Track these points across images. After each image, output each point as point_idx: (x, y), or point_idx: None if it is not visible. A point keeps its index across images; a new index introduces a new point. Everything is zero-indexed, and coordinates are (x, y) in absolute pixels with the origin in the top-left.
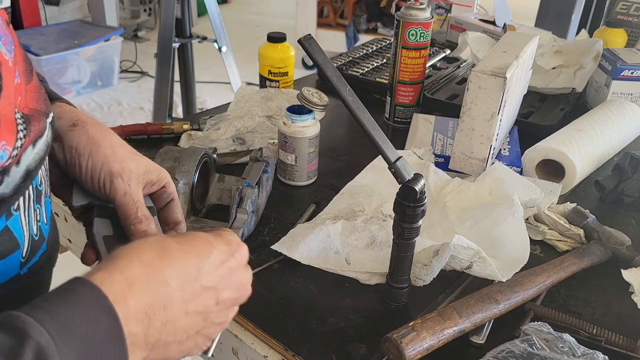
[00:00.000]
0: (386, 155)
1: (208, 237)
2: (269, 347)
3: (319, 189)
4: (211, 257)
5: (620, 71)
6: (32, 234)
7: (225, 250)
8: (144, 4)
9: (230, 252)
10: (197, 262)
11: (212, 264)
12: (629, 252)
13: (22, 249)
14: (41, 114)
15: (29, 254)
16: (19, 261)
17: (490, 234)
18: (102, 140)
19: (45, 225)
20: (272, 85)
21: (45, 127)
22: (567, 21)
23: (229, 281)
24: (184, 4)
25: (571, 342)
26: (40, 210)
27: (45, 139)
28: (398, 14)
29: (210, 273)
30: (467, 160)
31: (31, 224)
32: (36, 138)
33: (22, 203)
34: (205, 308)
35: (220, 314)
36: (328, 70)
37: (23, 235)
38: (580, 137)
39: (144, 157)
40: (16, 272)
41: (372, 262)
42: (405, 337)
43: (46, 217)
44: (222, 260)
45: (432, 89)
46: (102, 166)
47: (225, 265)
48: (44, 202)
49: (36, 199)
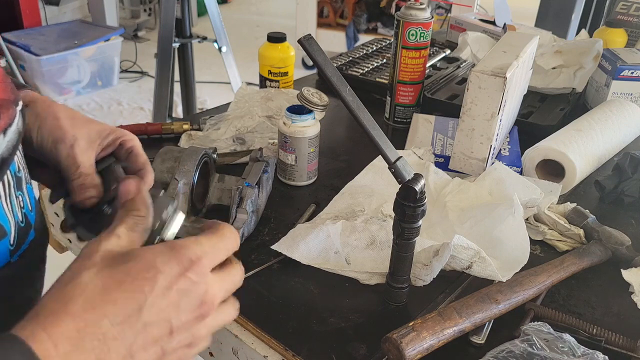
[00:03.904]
0: (386, 155)
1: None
2: (269, 347)
3: (319, 189)
4: (155, 287)
5: (620, 71)
6: (18, 220)
7: (175, 271)
8: (144, 4)
9: (181, 272)
10: (138, 299)
11: (157, 294)
12: (629, 252)
13: (10, 236)
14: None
15: (17, 241)
16: (8, 249)
17: (490, 234)
18: (47, 115)
19: (30, 212)
20: (272, 85)
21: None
22: (567, 21)
23: (181, 305)
24: (184, 4)
25: (571, 342)
26: (23, 197)
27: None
28: (398, 14)
29: (154, 306)
30: (467, 160)
31: (15, 211)
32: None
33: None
34: (157, 343)
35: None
36: (328, 70)
37: (8, 222)
38: (580, 137)
39: (100, 123)
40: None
41: (372, 262)
42: (405, 337)
43: (30, 204)
44: (168, 285)
45: (432, 89)
46: (48, 136)
47: (174, 289)
48: (25, 188)
49: (17, 186)
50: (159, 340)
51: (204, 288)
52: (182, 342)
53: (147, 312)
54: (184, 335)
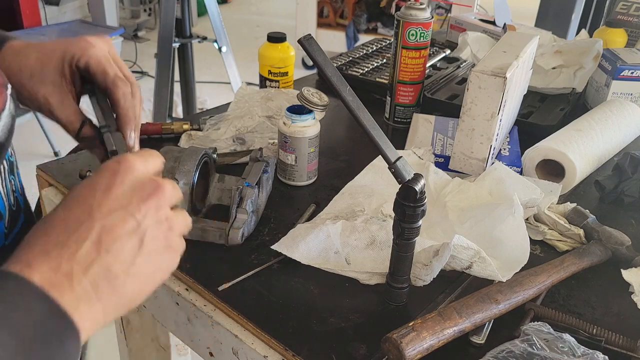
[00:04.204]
0: (386, 155)
1: (84, 181)
2: (269, 347)
3: (319, 189)
4: (96, 193)
5: (620, 71)
6: (11, 204)
7: (106, 177)
8: (144, 4)
9: (113, 175)
10: (85, 208)
11: (99, 197)
12: (629, 252)
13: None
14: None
15: (10, 224)
16: (2, 232)
17: (490, 234)
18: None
19: (20, 196)
20: (272, 85)
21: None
22: (567, 21)
23: (131, 193)
24: (184, 4)
25: (571, 342)
26: (14, 181)
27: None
28: (398, 14)
29: (102, 204)
30: (467, 160)
31: (9, 195)
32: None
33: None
34: (123, 229)
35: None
36: (328, 70)
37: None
38: (580, 137)
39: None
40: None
41: (372, 262)
42: (405, 337)
43: (20, 188)
44: (106, 186)
45: (432, 89)
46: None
47: (114, 187)
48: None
49: (9, 170)
50: (125, 225)
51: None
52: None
53: (97, 213)
54: (149, 220)
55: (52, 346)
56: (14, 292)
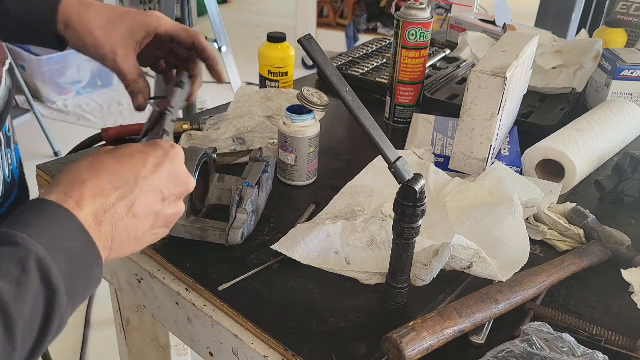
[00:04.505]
0: (386, 155)
1: (141, 147)
2: (269, 347)
3: (319, 189)
4: (147, 164)
5: (620, 71)
6: (5, 176)
7: (160, 154)
8: (144, 4)
9: (165, 156)
10: (133, 171)
11: (149, 169)
12: (629, 252)
13: None
14: None
15: (5, 195)
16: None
17: (490, 234)
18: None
19: (16, 169)
20: (272, 85)
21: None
22: (567, 21)
23: (170, 180)
24: (184, 4)
25: (571, 342)
26: (11, 155)
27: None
28: (398, 14)
29: (148, 178)
30: (467, 160)
31: (4, 167)
32: None
33: None
34: (153, 207)
35: (171, 207)
36: (328, 70)
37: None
38: (580, 137)
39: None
40: None
41: (372, 262)
42: (405, 337)
43: (17, 162)
44: (157, 164)
45: (432, 89)
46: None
47: (162, 168)
48: (13, 148)
49: (6, 144)
50: (154, 207)
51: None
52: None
53: (142, 182)
54: (172, 205)
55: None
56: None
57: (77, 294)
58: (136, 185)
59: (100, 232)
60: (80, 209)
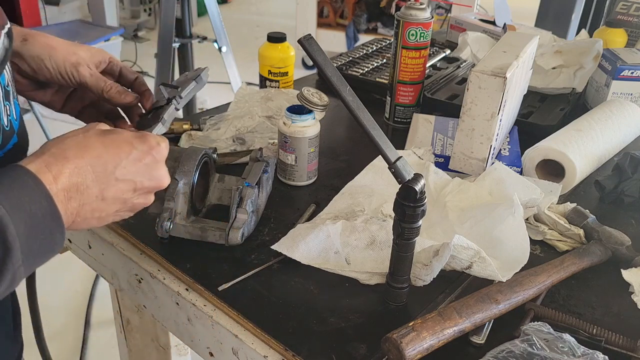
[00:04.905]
0: (386, 155)
1: (130, 137)
2: (269, 347)
3: (319, 189)
4: (130, 156)
5: (620, 71)
6: (3, 124)
7: (145, 149)
8: (144, 4)
9: (148, 152)
10: (115, 160)
11: (130, 161)
12: (629, 252)
13: None
14: None
15: (3, 142)
16: None
17: (490, 234)
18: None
19: (15, 121)
20: (272, 85)
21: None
22: (567, 21)
23: (145, 174)
24: (184, 4)
25: (571, 342)
26: (10, 107)
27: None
28: (398, 14)
29: (126, 168)
30: (467, 160)
31: (2, 117)
32: None
33: None
34: (122, 195)
35: (140, 197)
36: (328, 70)
37: None
38: (580, 137)
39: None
40: None
41: (372, 262)
42: (405, 337)
43: (16, 114)
44: (139, 158)
45: (432, 89)
46: (64, 62)
47: (142, 162)
48: (12, 101)
49: (5, 97)
50: (124, 195)
51: (161, 167)
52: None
53: (120, 171)
54: (142, 196)
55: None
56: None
57: (35, 255)
58: (113, 174)
59: (67, 207)
60: (55, 183)
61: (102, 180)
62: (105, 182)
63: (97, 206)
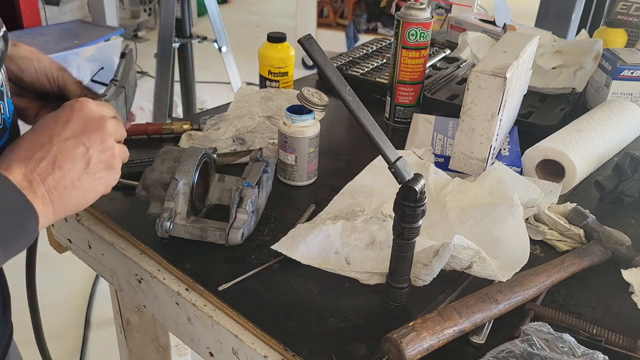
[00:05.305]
0: (386, 155)
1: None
2: (269, 347)
3: (319, 189)
4: (58, 124)
5: (620, 71)
6: None
7: (67, 111)
8: (144, 4)
9: (71, 110)
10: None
11: (60, 127)
12: (629, 252)
13: None
14: None
15: None
16: None
17: (490, 234)
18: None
19: (8, 119)
20: (272, 85)
21: None
22: (567, 21)
23: (83, 127)
24: (184, 4)
25: (571, 342)
26: (3, 106)
27: None
28: (398, 14)
29: (61, 134)
30: (467, 160)
31: None
32: None
33: None
34: (74, 154)
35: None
36: (328, 70)
37: None
38: (580, 137)
39: None
40: None
41: (372, 262)
42: (405, 337)
43: (9, 113)
44: (66, 120)
45: (432, 89)
46: (50, 65)
47: (72, 121)
48: (6, 100)
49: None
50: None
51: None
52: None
53: (56, 139)
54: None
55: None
56: None
57: (8, 243)
58: (51, 144)
59: (35, 190)
60: (9, 173)
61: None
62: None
63: (59, 175)
